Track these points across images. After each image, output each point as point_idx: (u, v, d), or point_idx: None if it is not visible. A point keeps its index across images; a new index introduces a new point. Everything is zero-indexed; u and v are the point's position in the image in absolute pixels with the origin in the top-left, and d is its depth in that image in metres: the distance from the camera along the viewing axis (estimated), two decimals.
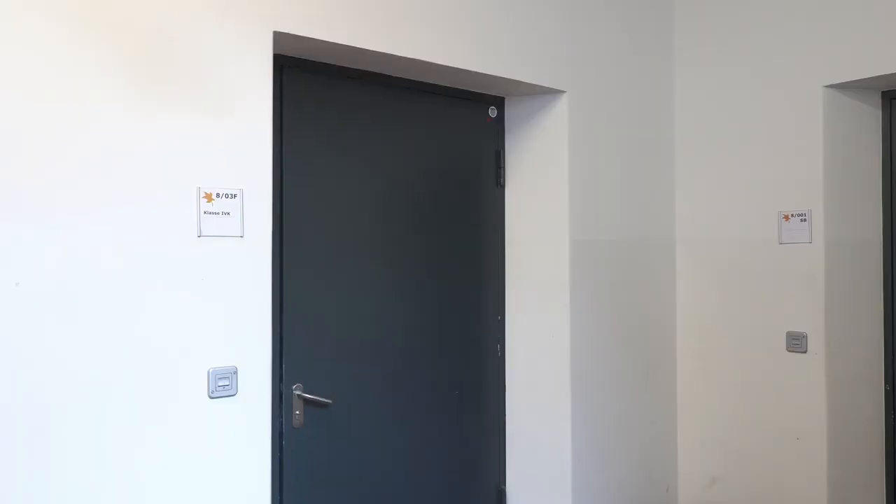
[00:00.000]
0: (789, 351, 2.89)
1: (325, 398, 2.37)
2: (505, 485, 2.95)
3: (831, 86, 2.80)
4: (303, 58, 2.35)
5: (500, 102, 2.93)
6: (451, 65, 2.48)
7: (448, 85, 2.72)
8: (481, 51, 2.58)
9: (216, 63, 2.00)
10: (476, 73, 2.57)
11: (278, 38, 2.12)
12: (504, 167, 2.94)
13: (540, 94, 2.86)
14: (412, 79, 2.62)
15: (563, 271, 2.84)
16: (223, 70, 2.01)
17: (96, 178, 1.82)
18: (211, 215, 1.98)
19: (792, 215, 2.87)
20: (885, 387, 2.87)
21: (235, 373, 2.02)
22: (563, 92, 2.84)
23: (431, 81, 2.67)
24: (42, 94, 1.75)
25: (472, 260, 2.84)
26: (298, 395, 2.33)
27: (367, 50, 2.28)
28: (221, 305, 2.00)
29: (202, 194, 1.97)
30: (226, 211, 2.01)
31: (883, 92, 2.86)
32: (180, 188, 1.94)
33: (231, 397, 2.01)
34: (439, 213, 2.74)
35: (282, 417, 2.32)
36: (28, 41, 1.74)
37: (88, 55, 1.81)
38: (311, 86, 2.40)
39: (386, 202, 2.60)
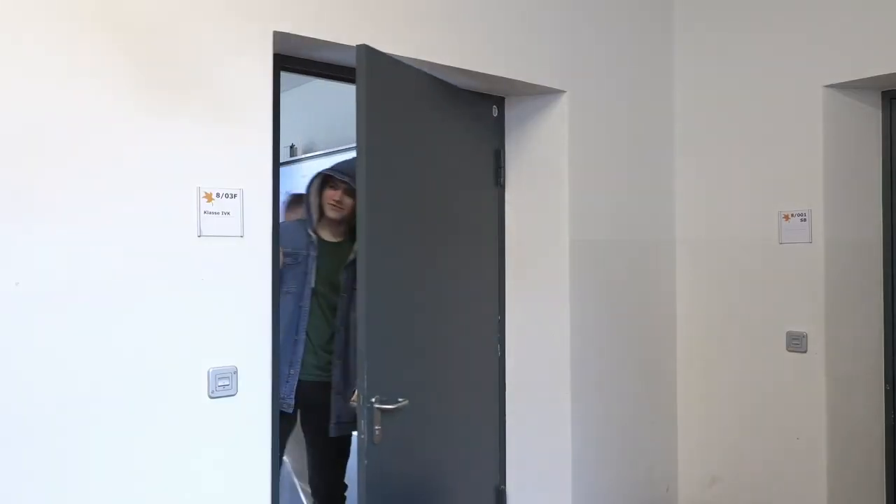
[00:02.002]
0: (789, 351, 2.89)
1: (396, 405, 2.17)
2: (505, 485, 2.94)
3: (831, 86, 2.79)
4: (300, 57, 2.35)
5: (500, 102, 2.93)
6: (451, 65, 2.47)
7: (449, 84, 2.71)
8: (482, 51, 2.58)
9: (216, 63, 2.00)
10: (476, 72, 2.57)
11: (278, 37, 2.12)
12: (504, 167, 2.94)
13: (540, 94, 2.86)
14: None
15: (563, 271, 2.84)
16: (223, 70, 2.01)
17: (96, 177, 1.82)
18: (211, 215, 1.98)
19: (792, 215, 2.87)
20: (885, 387, 2.87)
21: (235, 373, 2.02)
22: (563, 92, 2.84)
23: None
24: (41, 95, 1.75)
25: (472, 259, 2.83)
26: (378, 409, 2.11)
27: None
28: (221, 305, 2.00)
29: (202, 194, 1.97)
30: (226, 211, 2.01)
31: (883, 92, 2.86)
32: (180, 188, 1.94)
33: (231, 397, 2.01)
34: (444, 213, 2.69)
35: (364, 434, 2.09)
36: (29, 42, 1.73)
37: (88, 55, 1.81)
38: (390, 79, 2.27)
39: (416, 204, 2.47)
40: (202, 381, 1.97)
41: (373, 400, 2.10)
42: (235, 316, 2.03)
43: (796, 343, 2.86)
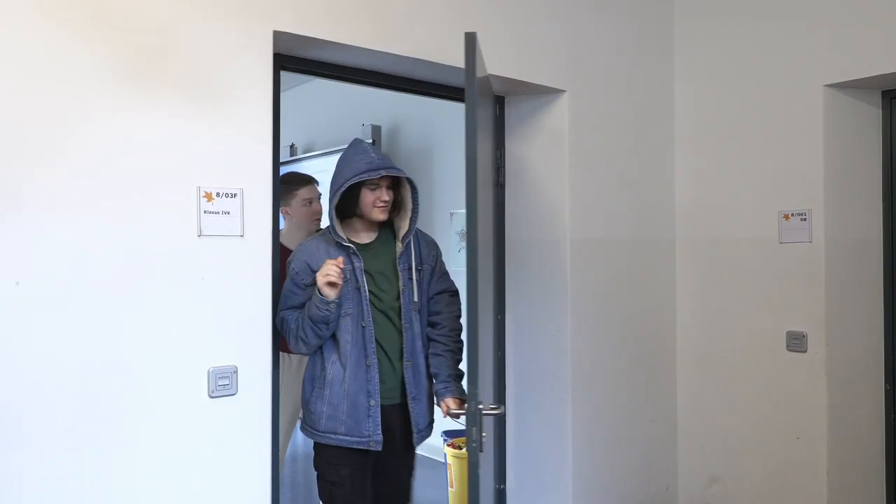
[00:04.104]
0: (789, 350, 2.89)
1: (499, 411, 2.03)
2: (505, 485, 2.94)
3: (831, 85, 2.79)
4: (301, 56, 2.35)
5: (500, 102, 2.93)
6: (452, 64, 2.47)
7: (449, 84, 2.71)
8: (482, 50, 2.57)
9: (217, 63, 2.00)
10: None
11: (278, 37, 2.12)
12: (504, 166, 2.94)
13: (540, 93, 2.86)
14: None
15: (564, 271, 2.84)
16: (224, 69, 2.01)
17: (97, 177, 1.82)
18: (211, 215, 1.98)
19: (792, 215, 2.87)
20: (885, 386, 2.87)
21: (235, 372, 2.02)
22: (563, 91, 2.84)
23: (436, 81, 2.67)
24: (43, 94, 1.75)
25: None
26: (484, 415, 1.94)
27: (367, 49, 2.28)
28: (221, 305, 2.00)
29: (202, 193, 1.97)
30: (226, 210, 2.01)
31: (883, 91, 2.86)
32: (180, 187, 1.94)
33: (231, 397, 2.01)
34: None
35: (475, 443, 1.91)
36: (30, 40, 1.73)
37: (90, 55, 1.81)
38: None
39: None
40: (202, 381, 1.97)
41: (480, 406, 1.92)
42: (235, 316, 2.03)
43: (796, 343, 2.86)
